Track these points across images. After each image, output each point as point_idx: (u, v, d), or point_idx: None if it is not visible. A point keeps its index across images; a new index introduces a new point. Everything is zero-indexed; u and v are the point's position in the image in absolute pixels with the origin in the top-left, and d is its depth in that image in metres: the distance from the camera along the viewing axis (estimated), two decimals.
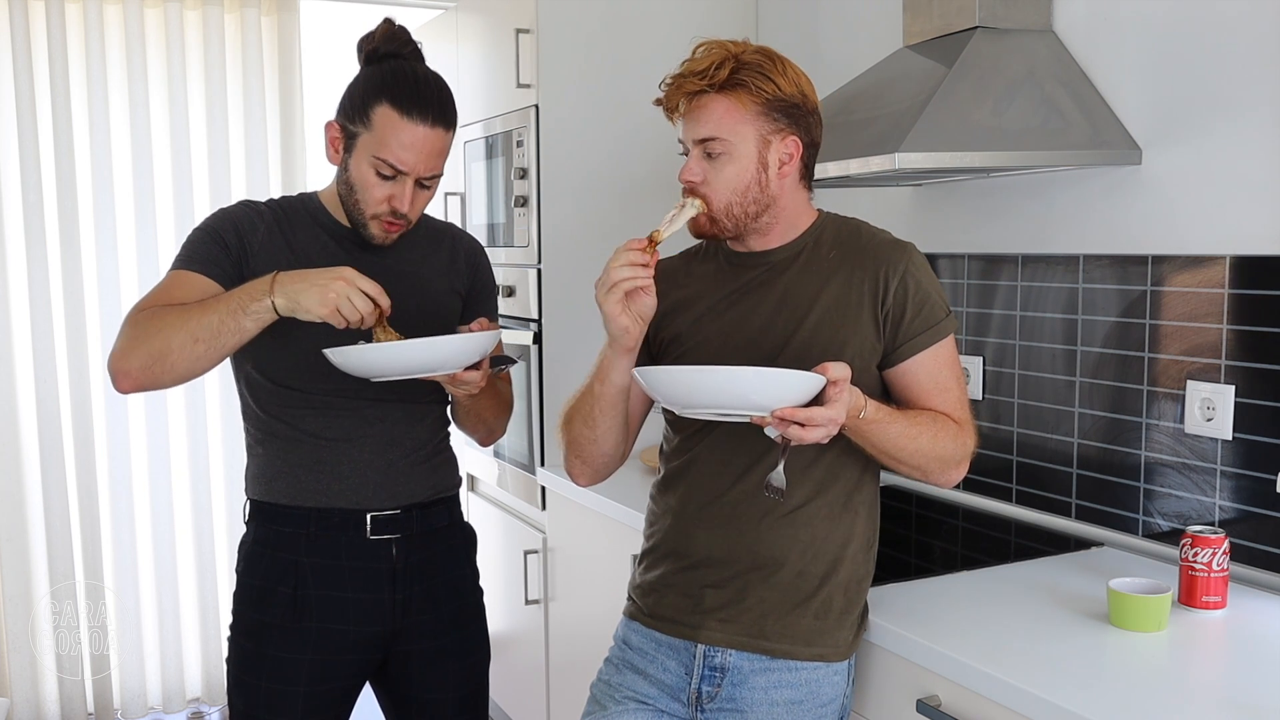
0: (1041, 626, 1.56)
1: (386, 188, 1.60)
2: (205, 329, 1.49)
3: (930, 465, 1.48)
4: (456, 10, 3.21)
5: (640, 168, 2.78)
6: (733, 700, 1.50)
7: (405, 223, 1.64)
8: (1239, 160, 1.76)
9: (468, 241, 1.86)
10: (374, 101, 1.57)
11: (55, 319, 3.18)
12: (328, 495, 1.67)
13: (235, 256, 1.62)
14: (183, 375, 1.53)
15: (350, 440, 1.67)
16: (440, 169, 1.63)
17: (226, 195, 3.31)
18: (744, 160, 1.47)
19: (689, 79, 1.46)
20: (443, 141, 1.61)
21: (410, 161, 1.58)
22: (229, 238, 1.63)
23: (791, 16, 2.79)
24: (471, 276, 1.82)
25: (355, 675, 1.73)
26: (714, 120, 1.46)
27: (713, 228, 1.51)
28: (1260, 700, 1.31)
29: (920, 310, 1.48)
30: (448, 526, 1.79)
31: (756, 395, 1.30)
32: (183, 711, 3.44)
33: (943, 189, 2.37)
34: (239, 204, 1.72)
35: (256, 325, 1.50)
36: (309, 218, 1.70)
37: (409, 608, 1.72)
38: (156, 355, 1.49)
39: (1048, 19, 2.07)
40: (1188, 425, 1.85)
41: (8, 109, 3.09)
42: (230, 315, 1.49)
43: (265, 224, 1.66)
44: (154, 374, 1.51)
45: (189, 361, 1.50)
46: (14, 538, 3.19)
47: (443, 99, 1.62)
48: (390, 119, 1.56)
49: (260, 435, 1.70)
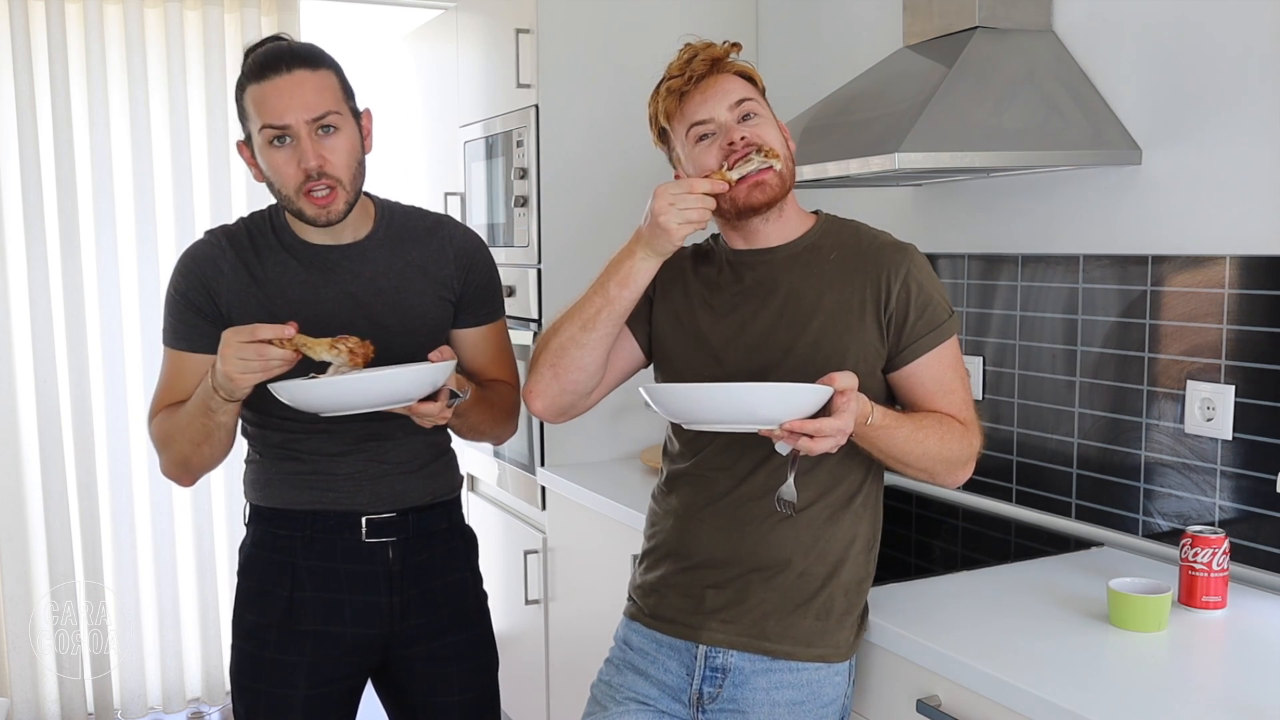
0: (1041, 626, 1.56)
1: (289, 155, 1.51)
2: (198, 433, 1.57)
3: (937, 468, 1.48)
4: (456, 10, 3.21)
5: (640, 167, 2.78)
6: (734, 701, 1.50)
7: (335, 185, 1.53)
8: (1239, 160, 1.76)
9: (460, 239, 1.74)
10: (241, 94, 1.55)
11: (55, 319, 3.17)
12: (323, 501, 1.66)
13: (211, 314, 1.60)
14: (216, 462, 1.63)
15: (345, 455, 1.66)
16: (327, 107, 1.52)
17: (226, 195, 3.31)
18: (775, 127, 1.50)
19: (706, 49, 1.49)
20: (311, 81, 1.51)
21: (283, 110, 1.49)
22: (198, 298, 1.60)
23: (791, 16, 2.79)
24: (464, 280, 1.72)
25: (354, 678, 1.73)
26: (739, 88, 1.49)
27: (780, 187, 1.48)
28: (1260, 700, 1.31)
29: (923, 312, 1.48)
30: (446, 529, 1.77)
31: (765, 410, 1.30)
32: (183, 711, 3.44)
33: (943, 189, 2.37)
34: (200, 244, 1.65)
35: (230, 415, 1.55)
36: (275, 240, 1.63)
37: (407, 611, 1.70)
38: (181, 463, 1.63)
39: (1048, 19, 2.07)
40: (1188, 425, 1.85)
41: (8, 109, 3.09)
42: (206, 416, 1.54)
43: (229, 262, 1.61)
44: (193, 472, 1.65)
45: (208, 458, 1.61)
46: (14, 538, 3.19)
47: (294, 49, 1.54)
48: (255, 93, 1.52)
49: (259, 446, 1.70)
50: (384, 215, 1.69)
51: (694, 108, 1.48)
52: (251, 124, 1.54)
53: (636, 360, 1.65)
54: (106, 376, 3.25)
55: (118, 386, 3.26)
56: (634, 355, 1.64)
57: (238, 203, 3.36)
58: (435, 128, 3.44)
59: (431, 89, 3.40)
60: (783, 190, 1.49)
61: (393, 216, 1.70)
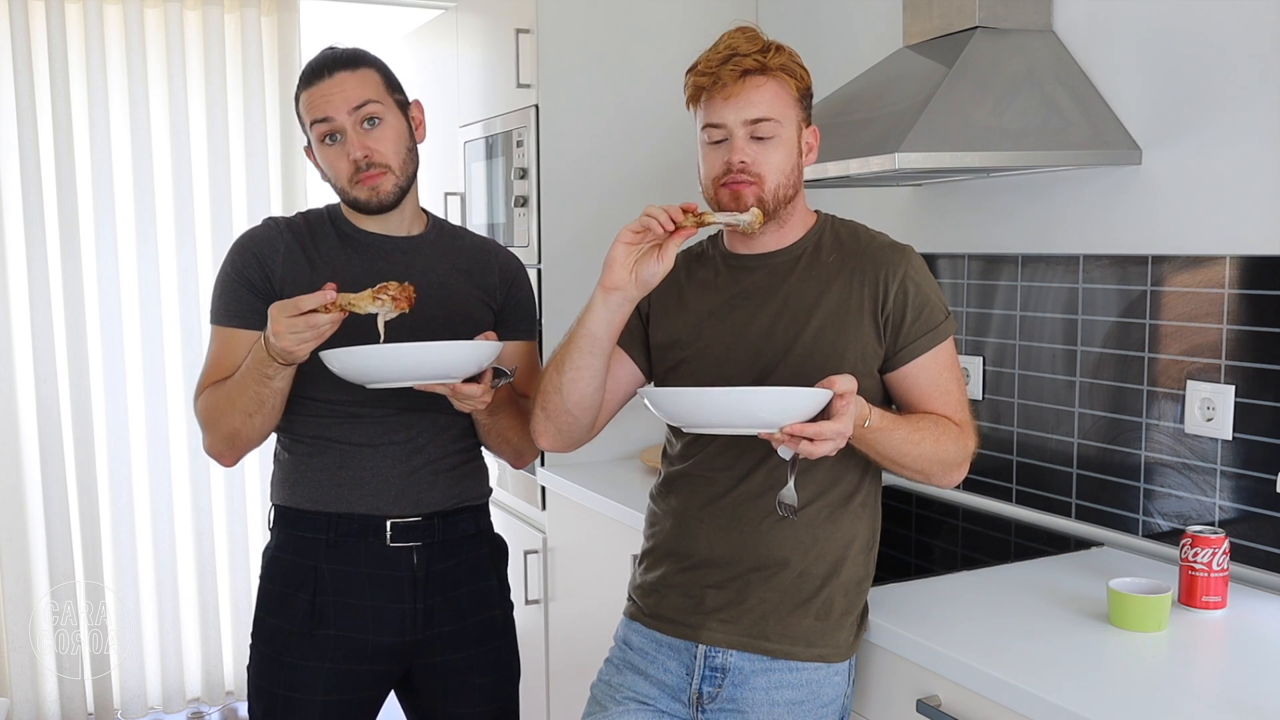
0: (1041, 626, 1.56)
1: (340, 150, 1.62)
2: (250, 402, 1.57)
3: (933, 469, 1.48)
4: (456, 10, 3.21)
5: (640, 167, 2.78)
6: (733, 701, 1.50)
7: (384, 170, 1.62)
8: (1239, 160, 1.76)
9: (506, 256, 1.82)
10: (297, 103, 1.66)
11: (55, 319, 3.18)
12: (348, 500, 1.65)
13: (264, 291, 1.63)
14: (263, 437, 1.64)
15: (374, 446, 1.66)
16: (367, 97, 1.61)
17: (226, 195, 3.31)
18: (789, 145, 1.48)
19: (745, 58, 1.45)
20: (354, 79, 1.62)
21: (330, 108, 1.60)
22: (252, 274, 1.65)
23: (791, 16, 2.79)
24: (506, 293, 1.78)
25: (376, 686, 1.71)
26: (766, 101, 1.46)
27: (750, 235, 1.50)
28: (1260, 700, 1.31)
29: (920, 314, 1.48)
30: (473, 536, 1.76)
31: (764, 414, 1.30)
32: (183, 711, 3.44)
33: (943, 189, 2.37)
34: (259, 226, 1.72)
35: (285, 380, 1.56)
36: (331, 228, 1.70)
37: (431, 618, 1.69)
38: (230, 437, 1.62)
39: (1048, 19, 2.07)
40: (1188, 425, 1.85)
41: (8, 109, 3.09)
42: (260, 384, 1.55)
43: (285, 242, 1.66)
44: (239, 447, 1.65)
45: (257, 430, 1.61)
46: (14, 538, 3.19)
47: (337, 53, 1.64)
48: (306, 99, 1.63)
49: (287, 442, 1.70)
50: (436, 223, 1.79)
51: (714, 109, 1.48)
52: (307, 127, 1.65)
53: (636, 381, 1.65)
54: (106, 376, 3.25)
55: (118, 386, 3.25)
56: (633, 377, 1.64)
57: (238, 202, 3.37)
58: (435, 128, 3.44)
59: (431, 89, 3.40)
60: (753, 235, 1.50)
61: (444, 226, 1.80)
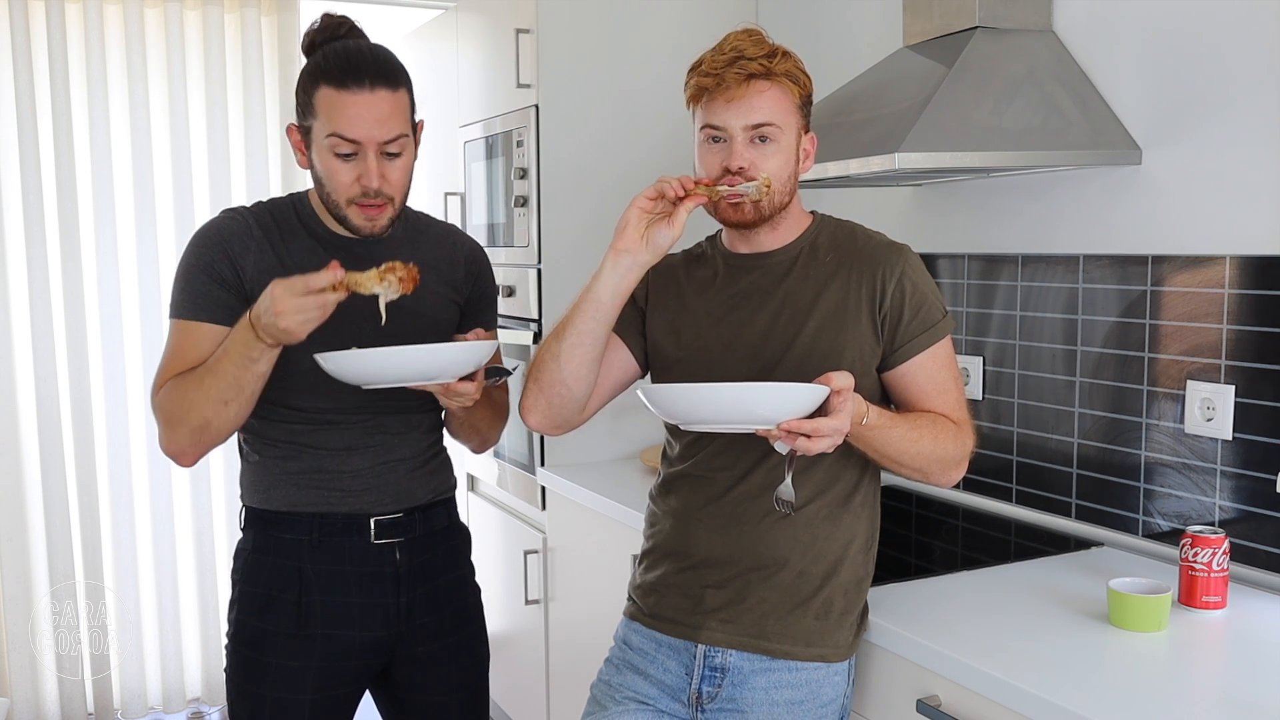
0: (1041, 626, 1.56)
1: (351, 168, 1.53)
2: (228, 388, 1.50)
3: (930, 467, 1.48)
4: (456, 10, 3.21)
5: (640, 167, 2.78)
6: (733, 700, 1.50)
7: (386, 202, 1.56)
8: (1239, 160, 1.76)
9: (469, 247, 1.79)
10: (313, 88, 1.53)
11: (55, 319, 3.17)
12: (329, 501, 1.65)
13: (234, 286, 1.58)
14: (232, 430, 1.56)
15: (351, 450, 1.65)
16: (399, 130, 1.53)
17: (226, 195, 3.31)
18: (788, 150, 1.48)
19: (751, 61, 1.44)
20: (390, 103, 1.52)
21: (361, 130, 1.50)
22: (222, 269, 1.58)
23: (791, 16, 2.79)
24: (472, 285, 1.77)
25: (359, 681, 1.72)
26: (768, 106, 1.46)
27: (755, 213, 1.48)
28: (1260, 700, 1.31)
29: (918, 312, 1.49)
30: (447, 528, 1.78)
31: (762, 410, 1.30)
32: (183, 711, 3.44)
33: (943, 189, 2.37)
34: (224, 218, 1.63)
35: (269, 364, 1.50)
36: (300, 226, 1.64)
37: (412, 611, 1.71)
38: (198, 429, 1.53)
39: (1048, 19, 2.07)
40: (1188, 425, 1.85)
41: (8, 109, 3.09)
42: (242, 368, 1.49)
43: (255, 241, 1.60)
44: (205, 443, 1.56)
45: (229, 421, 1.53)
46: (14, 538, 3.19)
47: (378, 61, 1.53)
48: (330, 98, 1.51)
49: (258, 444, 1.68)
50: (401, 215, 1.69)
51: (715, 110, 1.47)
52: (318, 123, 1.53)
53: (630, 370, 1.64)
54: (106, 376, 3.25)
55: (118, 386, 3.26)
56: (628, 365, 1.63)
57: (237, 202, 3.35)
58: (435, 128, 3.44)
59: (431, 89, 3.40)
60: (758, 217, 1.49)
61: (409, 217, 1.73)
